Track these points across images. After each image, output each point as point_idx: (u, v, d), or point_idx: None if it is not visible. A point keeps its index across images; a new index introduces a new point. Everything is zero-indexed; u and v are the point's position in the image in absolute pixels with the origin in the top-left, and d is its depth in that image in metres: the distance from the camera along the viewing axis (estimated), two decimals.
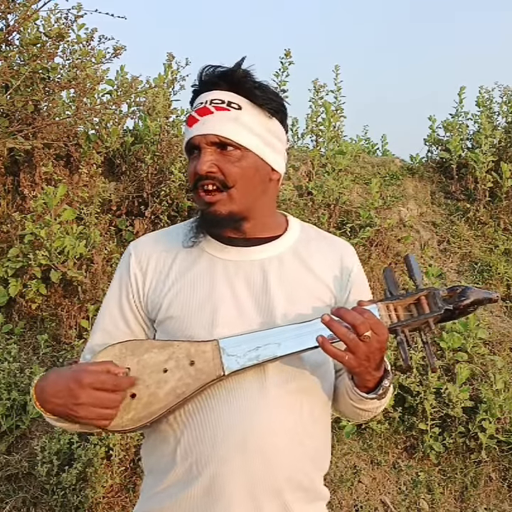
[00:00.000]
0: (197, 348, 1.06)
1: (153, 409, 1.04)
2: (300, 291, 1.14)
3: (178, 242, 1.19)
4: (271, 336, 1.06)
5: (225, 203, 1.11)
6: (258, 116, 1.14)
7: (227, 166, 1.10)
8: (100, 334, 1.19)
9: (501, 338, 3.37)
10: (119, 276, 1.21)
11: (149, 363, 1.06)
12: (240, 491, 1.06)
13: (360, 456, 2.86)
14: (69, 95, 3.63)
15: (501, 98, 4.59)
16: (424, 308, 1.07)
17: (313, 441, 1.13)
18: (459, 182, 4.42)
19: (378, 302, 1.07)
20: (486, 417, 2.85)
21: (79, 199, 3.27)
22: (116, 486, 2.45)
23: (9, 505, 2.42)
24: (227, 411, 1.06)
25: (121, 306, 1.18)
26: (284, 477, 1.08)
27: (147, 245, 1.20)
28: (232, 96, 1.12)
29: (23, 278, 2.99)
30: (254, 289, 1.13)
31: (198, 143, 1.11)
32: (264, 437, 1.06)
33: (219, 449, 1.06)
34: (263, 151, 1.14)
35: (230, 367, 1.05)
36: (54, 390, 1.02)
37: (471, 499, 2.79)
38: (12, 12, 3.24)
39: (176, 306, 1.12)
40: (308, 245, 1.21)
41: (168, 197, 3.38)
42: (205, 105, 1.12)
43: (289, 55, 4.00)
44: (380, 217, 3.81)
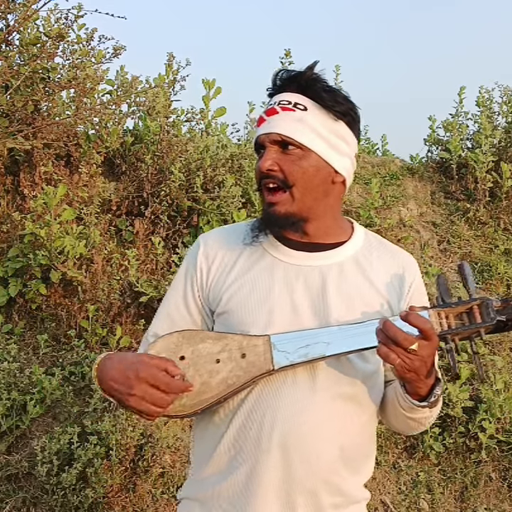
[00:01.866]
0: (249, 341, 1.10)
1: (204, 397, 1.08)
2: (357, 301, 1.15)
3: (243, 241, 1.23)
4: (321, 334, 1.09)
5: (285, 203, 1.14)
6: (323, 117, 1.16)
7: (287, 164, 1.13)
8: (164, 319, 1.24)
9: (501, 338, 3.37)
10: (185, 266, 1.26)
11: (203, 353, 1.10)
12: (276, 487, 1.09)
13: None
14: (69, 95, 3.63)
15: (501, 98, 4.58)
16: (475, 318, 1.07)
17: (355, 448, 1.15)
18: (459, 182, 4.42)
19: (430, 309, 1.09)
20: (486, 417, 2.85)
21: (79, 199, 3.27)
22: (116, 486, 2.45)
23: (9, 505, 2.42)
24: (276, 407, 1.10)
25: (185, 294, 1.23)
26: (321, 479, 1.10)
27: (216, 241, 1.25)
28: (299, 97, 1.15)
29: (23, 278, 2.99)
30: (311, 293, 1.15)
31: (263, 141, 1.15)
32: (307, 438, 1.09)
33: (262, 443, 1.10)
34: (326, 152, 1.16)
35: (280, 362, 1.08)
36: (113, 374, 1.08)
37: (471, 499, 2.79)
38: (12, 12, 3.24)
39: (234, 302, 1.16)
40: (370, 255, 1.22)
41: (168, 197, 3.38)
42: (273, 106, 1.16)
43: (289, 55, 4.00)
44: (380, 217, 3.81)
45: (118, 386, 1.06)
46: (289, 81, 1.18)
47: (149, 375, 1.03)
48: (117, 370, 1.07)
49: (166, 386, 1.04)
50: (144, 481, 2.52)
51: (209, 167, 3.52)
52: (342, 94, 1.19)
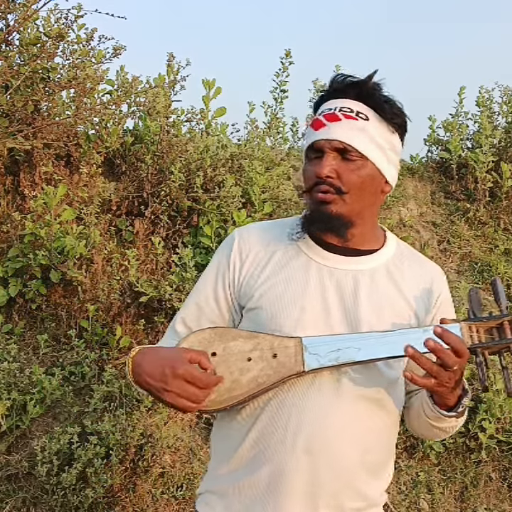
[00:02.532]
0: (280, 342, 1.11)
1: (234, 394, 1.10)
2: (386, 308, 1.17)
3: (279, 239, 1.25)
4: (352, 340, 1.10)
5: (338, 203, 1.15)
6: (383, 129, 1.18)
7: (346, 173, 1.15)
8: (193, 308, 1.26)
9: None
10: (218, 259, 1.27)
11: (234, 351, 1.12)
12: (300, 489, 1.10)
13: None
14: (69, 95, 3.63)
15: (501, 98, 4.58)
16: (506, 333, 1.09)
17: (378, 453, 1.17)
18: (459, 182, 4.42)
19: (462, 322, 1.11)
20: (486, 417, 2.85)
21: (79, 199, 3.27)
22: (116, 486, 2.45)
23: (9, 505, 2.42)
24: (301, 408, 1.11)
25: (215, 286, 1.24)
26: (345, 483, 1.11)
27: (251, 236, 1.26)
28: (360, 106, 1.17)
29: (23, 278, 2.99)
30: (343, 297, 1.16)
31: (322, 146, 1.16)
32: (332, 441, 1.10)
33: (287, 444, 1.10)
34: (382, 163, 1.18)
35: (311, 364, 1.10)
36: (149, 369, 1.09)
37: (471, 499, 2.79)
38: (12, 12, 3.24)
39: (266, 299, 1.17)
40: (401, 264, 1.24)
41: (168, 197, 3.38)
42: (334, 111, 1.16)
43: (289, 55, 4.00)
44: (380, 217, 3.81)
45: (155, 382, 1.08)
46: (350, 88, 1.18)
47: (186, 372, 1.05)
48: (154, 365, 1.09)
49: (201, 382, 1.06)
50: (144, 481, 2.52)
51: (209, 167, 3.52)
52: (398, 105, 1.20)
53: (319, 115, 1.19)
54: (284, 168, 3.80)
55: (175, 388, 1.06)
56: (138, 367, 1.12)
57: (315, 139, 1.18)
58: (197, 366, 1.08)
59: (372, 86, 1.18)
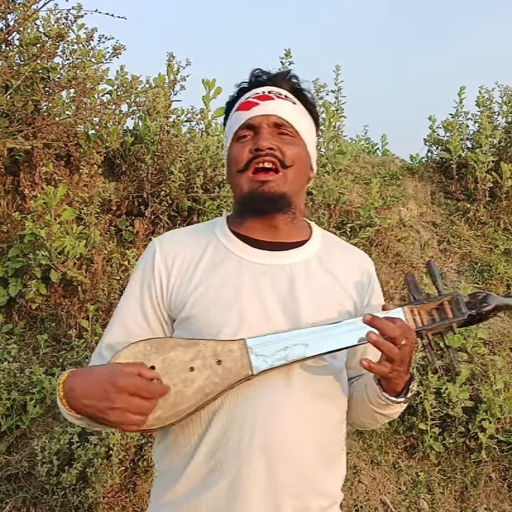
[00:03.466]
0: (223, 346, 1.05)
1: (181, 408, 1.03)
2: (325, 297, 1.15)
3: (204, 242, 1.19)
4: (298, 336, 1.07)
5: (279, 183, 1.13)
6: (306, 116, 1.20)
7: (285, 146, 1.13)
8: (119, 330, 1.15)
9: (501, 338, 3.37)
10: (141, 272, 1.18)
11: (175, 362, 1.04)
12: (261, 494, 1.05)
13: (360, 456, 2.86)
14: (69, 95, 3.63)
15: (501, 98, 4.58)
16: (447, 314, 1.10)
17: (334, 447, 1.14)
18: (459, 182, 4.42)
19: (404, 306, 1.10)
20: (486, 417, 2.85)
21: (79, 199, 3.27)
22: (116, 486, 2.45)
23: (9, 505, 2.42)
24: (254, 412, 1.06)
25: (142, 302, 1.16)
26: (307, 482, 1.08)
27: (173, 243, 1.19)
28: (287, 93, 1.18)
29: (23, 278, 2.99)
30: (280, 293, 1.13)
31: (259, 123, 1.14)
32: (288, 441, 1.06)
33: (243, 453, 1.05)
34: (311, 145, 1.19)
35: (259, 366, 1.05)
36: (87, 391, 0.99)
37: (471, 499, 2.79)
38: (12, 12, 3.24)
39: (201, 306, 1.11)
40: (331, 253, 1.23)
41: (168, 197, 3.38)
42: (263, 94, 1.16)
43: (289, 55, 4.00)
44: (380, 217, 3.81)
45: (97, 402, 0.97)
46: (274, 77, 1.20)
47: (128, 383, 0.97)
48: (92, 385, 0.99)
49: (146, 392, 0.98)
50: (144, 481, 2.52)
51: (209, 167, 3.52)
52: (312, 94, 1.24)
53: (247, 99, 1.18)
54: None
55: (120, 404, 0.96)
56: (71, 391, 1.01)
57: (249, 116, 1.15)
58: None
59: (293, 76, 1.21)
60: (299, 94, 1.20)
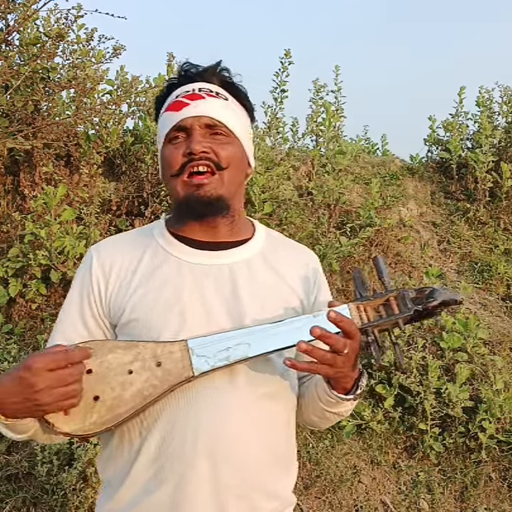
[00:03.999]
0: (164, 348, 1.03)
1: (118, 411, 1.00)
2: (269, 295, 1.13)
3: (142, 245, 1.16)
4: (241, 336, 1.04)
5: (215, 186, 1.09)
6: (240, 110, 1.17)
7: (220, 147, 1.10)
8: (59, 339, 1.13)
9: (501, 338, 3.37)
10: (80, 280, 1.16)
11: (113, 364, 1.01)
12: (207, 498, 1.02)
13: (360, 456, 2.86)
14: (69, 95, 3.63)
15: (501, 98, 4.58)
16: (393, 309, 1.07)
17: (283, 448, 1.12)
18: (459, 182, 4.42)
19: (349, 303, 1.08)
20: (486, 417, 2.85)
21: (79, 199, 3.27)
22: None
23: (9, 505, 2.42)
24: (197, 415, 1.03)
25: (81, 310, 1.14)
26: (253, 484, 1.05)
27: (110, 248, 1.17)
28: (218, 88, 1.14)
29: (23, 278, 2.99)
30: (223, 293, 1.11)
31: (190, 125, 1.10)
32: (234, 444, 1.03)
33: (187, 457, 1.02)
34: (246, 143, 1.16)
35: (200, 368, 1.02)
36: (7, 389, 0.96)
37: (471, 499, 2.79)
38: (12, 12, 3.24)
39: (141, 309, 1.09)
40: (275, 250, 1.21)
41: (168, 197, 3.38)
42: (193, 92, 1.12)
43: (289, 55, 4.00)
44: (380, 217, 3.81)
45: (20, 395, 0.94)
46: (204, 72, 1.15)
47: (43, 361, 0.93)
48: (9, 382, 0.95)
49: (65, 360, 0.95)
50: None
51: None
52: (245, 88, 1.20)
53: (176, 98, 1.13)
54: (284, 168, 3.80)
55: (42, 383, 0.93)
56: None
57: (180, 118, 1.10)
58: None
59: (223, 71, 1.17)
60: (230, 88, 1.16)
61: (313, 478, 2.72)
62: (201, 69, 1.16)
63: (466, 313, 3.35)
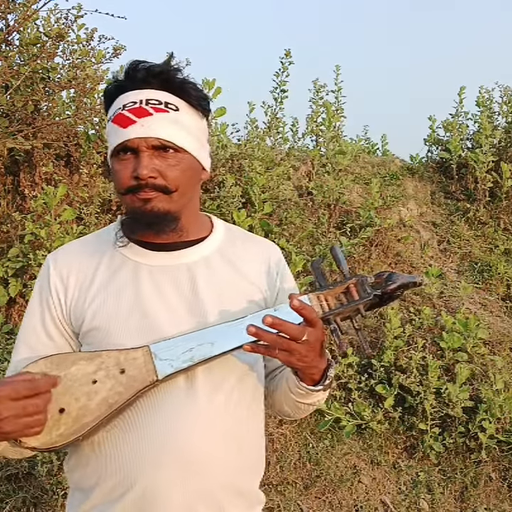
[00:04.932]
0: (126, 355, 1.03)
1: (85, 421, 1.00)
2: (229, 292, 1.13)
3: (99, 251, 1.15)
4: (204, 335, 1.05)
5: (162, 200, 1.07)
6: (193, 116, 1.11)
7: (169, 170, 1.07)
8: (23, 350, 1.13)
9: (501, 338, 3.37)
10: (38, 290, 1.15)
11: (77, 376, 1.02)
12: (175, 503, 1.02)
13: (360, 456, 2.86)
14: (69, 95, 3.63)
15: (501, 98, 4.59)
16: (353, 296, 1.08)
17: (249, 446, 1.11)
18: (459, 182, 4.42)
19: (309, 293, 1.08)
20: (486, 417, 2.85)
21: (79, 199, 3.27)
22: None
23: (9, 505, 2.42)
24: (158, 420, 1.03)
25: (43, 320, 1.13)
26: (222, 486, 1.05)
27: (67, 256, 1.16)
28: (167, 96, 1.08)
29: (23, 278, 2.99)
30: (183, 293, 1.10)
31: (137, 146, 1.06)
32: (197, 446, 1.03)
33: (151, 459, 1.02)
34: (199, 151, 1.12)
35: (164, 371, 1.02)
36: None
37: (471, 499, 2.79)
38: (12, 12, 3.24)
39: (101, 317, 1.08)
40: (234, 246, 1.20)
41: None
42: (140, 105, 1.06)
43: (289, 55, 4.00)
44: (380, 217, 3.81)
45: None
46: (151, 77, 1.08)
47: (6, 390, 0.93)
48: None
49: (29, 390, 0.94)
50: None
51: None
52: (201, 88, 1.13)
53: (122, 110, 1.07)
54: (284, 168, 3.80)
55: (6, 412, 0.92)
56: None
57: (127, 137, 1.05)
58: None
59: (174, 72, 1.09)
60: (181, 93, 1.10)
61: (313, 478, 2.72)
62: (150, 72, 1.08)
63: (466, 313, 3.35)
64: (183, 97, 1.09)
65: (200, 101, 1.12)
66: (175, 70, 1.10)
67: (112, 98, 1.12)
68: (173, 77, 1.09)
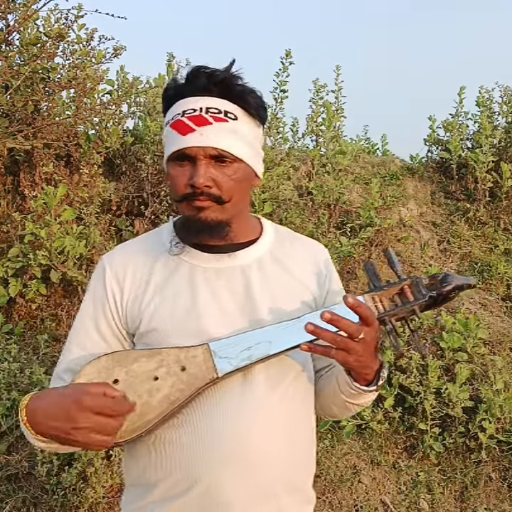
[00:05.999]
0: (187, 353, 1.05)
1: (147, 418, 1.02)
2: (281, 293, 1.14)
3: (155, 252, 1.17)
4: (261, 335, 1.07)
5: (215, 210, 1.09)
6: (250, 125, 1.12)
7: (224, 180, 1.08)
8: (76, 351, 1.15)
9: (501, 338, 3.37)
10: (92, 291, 1.18)
11: (138, 373, 1.04)
12: (237, 498, 1.04)
13: (360, 456, 2.86)
14: (69, 95, 3.63)
15: (501, 98, 4.59)
16: (408, 297, 1.08)
17: (303, 443, 1.14)
18: (459, 182, 4.42)
19: (364, 294, 1.09)
20: (486, 417, 2.85)
21: (79, 199, 3.27)
22: (116, 486, 2.45)
23: (9, 505, 2.42)
24: (219, 417, 1.05)
25: (96, 321, 1.15)
26: (280, 481, 1.08)
27: (123, 257, 1.18)
28: (227, 104, 1.09)
29: (23, 278, 2.99)
30: (237, 294, 1.12)
31: (195, 154, 1.07)
32: (259, 443, 1.05)
33: (214, 456, 1.04)
34: (254, 160, 1.14)
35: (223, 369, 1.04)
36: (50, 413, 0.98)
37: (471, 499, 2.79)
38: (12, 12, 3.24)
39: (158, 319, 1.10)
40: (283, 247, 1.22)
41: (168, 197, 3.38)
42: (200, 113, 1.08)
43: (290, 55, 4.00)
44: (380, 217, 3.81)
45: (61, 424, 0.96)
46: (212, 84, 1.09)
47: (92, 402, 0.95)
48: (55, 407, 0.97)
49: (111, 410, 0.96)
50: None
51: None
52: (260, 95, 1.14)
53: (182, 116, 1.09)
54: (284, 168, 3.80)
55: (85, 423, 0.94)
56: (34, 414, 0.99)
57: (186, 145, 1.07)
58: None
59: (235, 80, 1.10)
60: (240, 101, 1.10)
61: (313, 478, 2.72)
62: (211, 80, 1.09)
63: (466, 313, 3.35)
64: (242, 105, 1.10)
65: (258, 110, 1.13)
66: (235, 77, 1.11)
67: (170, 101, 1.13)
68: (233, 86, 1.10)
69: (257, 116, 1.13)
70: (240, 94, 1.10)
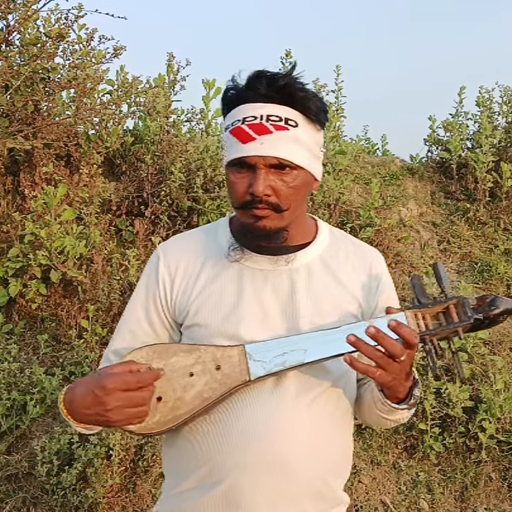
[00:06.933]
0: (223, 352, 1.07)
1: (179, 412, 1.05)
2: (327, 301, 1.14)
3: (207, 248, 1.19)
4: (297, 341, 1.06)
5: (274, 219, 1.09)
6: (311, 131, 1.11)
7: (283, 189, 1.08)
8: (125, 336, 1.20)
9: (501, 338, 3.37)
10: (146, 279, 1.21)
11: (176, 367, 1.06)
12: (260, 500, 1.06)
13: (360, 456, 2.86)
14: (69, 95, 3.63)
15: (501, 98, 4.58)
16: (453, 317, 1.06)
17: (333, 450, 1.13)
18: (459, 182, 4.42)
19: (406, 310, 1.06)
20: (486, 417, 2.85)
21: (79, 199, 3.27)
22: (116, 486, 2.45)
23: (9, 505, 2.42)
24: (249, 419, 1.07)
25: (147, 309, 1.18)
26: (305, 487, 1.08)
27: (176, 249, 1.20)
28: (288, 111, 1.08)
29: (23, 278, 2.99)
30: (281, 298, 1.13)
31: (255, 163, 1.07)
32: (284, 447, 1.06)
33: (239, 456, 1.06)
34: (313, 165, 1.13)
35: (256, 372, 1.05)
36: (82, 402, 1.03)
37: (471, 499, 2.79)
38: (12, 12, 3.24)
39: (202, 313, 1.13)
40: (336, 253, 1.20)
41: (168, 197, 3.38)
42: (260, 121, 1.07)
43: (290, 55, 4.00)
44: (380, 217, 3.81)
45: (92, 410, 1.01)
46: (274, 91, 1.07)
47: (117, 382, 0.99)
48: (85, 395, 1.02)
49: (137, 383, 1.00)
50: (144, 481, 2.52)
51: (209, 167, 3.52)
52: (320, 98, 1.13)
53: (242, 123, 1.08)
54: None
55: (114, 403, 0.99)
56: (71, 405, 1.04)
57: (246, 154, 1.07)
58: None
59: (296, 86, 1.09)
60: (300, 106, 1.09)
61: None
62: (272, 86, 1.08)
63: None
64: (301, 111, 1.09)
65: (319, 115, 1.11)
66: (296, 82, 1.10)
67: (230, 105, 1.12)
68: (295, 92, 1.09)
69: (317, 121, 1.12)
70: (301, 100, 1.09)
